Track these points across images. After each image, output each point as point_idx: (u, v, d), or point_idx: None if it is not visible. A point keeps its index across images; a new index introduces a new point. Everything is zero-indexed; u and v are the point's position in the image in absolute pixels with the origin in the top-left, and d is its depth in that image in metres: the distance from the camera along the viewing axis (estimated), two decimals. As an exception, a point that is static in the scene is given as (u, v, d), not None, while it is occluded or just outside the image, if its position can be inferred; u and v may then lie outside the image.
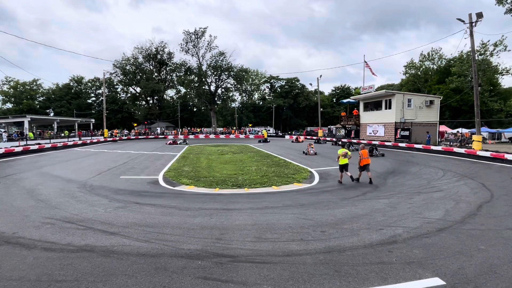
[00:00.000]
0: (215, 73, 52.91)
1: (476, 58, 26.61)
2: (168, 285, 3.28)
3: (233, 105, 63.73)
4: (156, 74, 60.22)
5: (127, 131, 52.52)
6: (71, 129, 46.07)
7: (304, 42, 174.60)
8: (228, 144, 30.03)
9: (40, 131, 39.35)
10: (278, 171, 12.69)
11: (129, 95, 64.95)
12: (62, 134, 37.29)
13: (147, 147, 26.30)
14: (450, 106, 42.58)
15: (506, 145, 28.13)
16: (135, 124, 58.06)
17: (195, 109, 71.00)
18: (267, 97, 71.97)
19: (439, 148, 19.68)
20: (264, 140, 34.40)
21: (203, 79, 52.16)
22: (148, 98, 61.76)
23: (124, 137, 42.45)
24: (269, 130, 53.33)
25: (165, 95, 65.39)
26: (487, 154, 15.80)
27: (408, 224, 5.50)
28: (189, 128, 55.22)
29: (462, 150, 17.72)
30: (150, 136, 44.83)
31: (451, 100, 38.30)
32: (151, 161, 16.47)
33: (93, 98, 70.54)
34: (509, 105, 44.55)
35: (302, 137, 36.71)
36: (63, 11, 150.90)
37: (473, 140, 18.85)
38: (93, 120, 49.00)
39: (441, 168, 13.07)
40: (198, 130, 52.42)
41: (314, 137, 36.19)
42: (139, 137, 43.38)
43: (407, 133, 24.63)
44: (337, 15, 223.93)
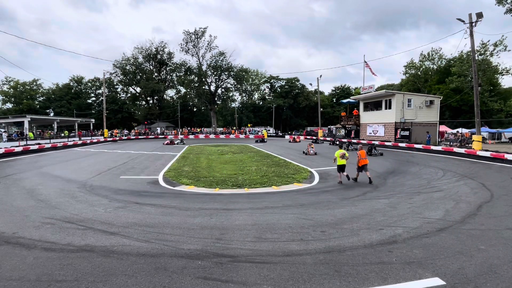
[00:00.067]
0: (215, 73, 52.92)
1: (476, 58, 26.61)
2: (168, 285, 3.28)
3: (233, 105, 63.75)
4: (156, 74, 60.23)
5: (127, 131, 52.54)
6: (71, 129, 46.04)
7: (304, 42, 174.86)
8: (228, 144, 30.03)
9: (40, 131, 39.34)
10: (278, 171, 12.69)
11: (129, 95, 64.96)
12: (62, 134, 37.28)
13: (147, 147, 26.30)
14: (450, 106, 42.59)
15: (506, 145, 28.13)
16: (135, 124, 58.06)
17: (195, 109, 70.99)
18: (267, 97, 71.97)
19: (439, 148, 19.69)
20: (261, 140, 34.42)
21: (203, 79, 52.17)
22: (148, 98, 61.76)
23: (124, 137, 42.46)
24: (269, 130, 53.32)
25: (165, 95, 65.43)
26: (487, 154, 15.81)
27: (408, 224, 5.50)
28: (189, 128, 55.21)
29: (462, 150, 17.72)
30: (150, 136, 44.83)
31: (451, 100, 38.31)
32: (151, 161, 16.48)
33: (93, 98, 70.53)
34: (509, 105, 44.56)
35: (299, 137, 37.20)
36: (63, 11, 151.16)
37: (473, 140, 18.86)
38: (93, 120, 48.99)
39: (441, 168, 13.07)
40: (198, 130, 52.42)
41: (313, 137, 36.54)
42: (139, 137, 43.40)
43: (407, 133, 24.63)
44: (337, 15, 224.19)
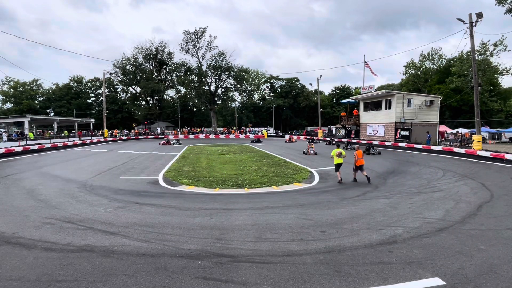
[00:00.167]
0: (215, 73, 52.92)
1: (476, 58, 26.60)
2: (168, 285, 3.28)
3: (233, 105, 63.75)
4: (156, 74, 60.23)
5: (127, 131, 52.53)
6: (71, 129, 46.04)
7: (304, 42, 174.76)
8: (228, 144, 30.04)
9: (40, 131, 39.33)
10: (278, 171, 12.70)
11: (129, 95, 64.94)
12: (62, 134, 37.27)
13: (147, 147, 26.31)
14: (450, 106, 42.58)
15: (506, 145, 28.14)
16: (135, 124, 58.04)
17: (195, 109, 71.01)
18: (267, 97, 71.99)
19: (439, 148, 19.69)
20: (257, 140, 34.63)
21: (203, 79, 52.16)
22: (148, 98, 61.76)
23: (124, 137, 42.47)
24: (269, 130, 53.34)
25: (165, 95, 65.43)
26: (487, 154, 15.80)
27: (408, 224, 5.50)
28: (189, 128, 55.23)
29: (462, 150, 17.72)
30: (150, 136, 44.83)
31: (451, 100, 38.31)
32: (151, 161, 16.48)
33: (93, 98, 70.57)
34: (509, 105, 44.56)
35: (295, 137, 38.23)
36: (63, 11, 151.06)
37: (473, 140, 18.87)
38: (93, 120, 48.99)
39: (441, 168, 13.07)
40: (198, 130, 52.45)
41: (310, 137, 37.30)
42: (139, 137, 43.40)
43: (407, 133, 24.63)
44: (337, 15, 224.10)
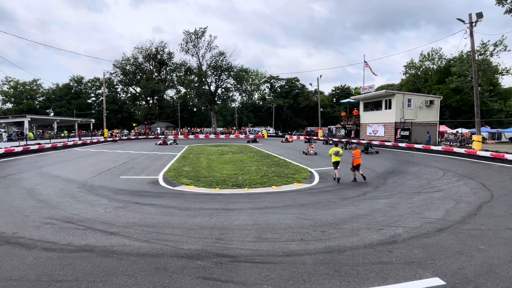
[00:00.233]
0: (215, 73, 52.90)
1: (476, 58, 26.60)
2: (168, 285, 3.28)
3: (233, 105, 63.74)
4: (156, 74, 60.22)
5: (127, 131, 52.51)
6: (71, 129, 46.02)
7: (304, 42, 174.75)
8: (228, 144, 30.04)
9: (40, 132, 39.31)
10: (278, 171, 12.70)
11: (129, 95, 64.94)
12: (62, 134, 37.27)
13: (147, 147, 26.30)
14: (450, 106, 42.58)
15: (506, 145, 28.14)
16: (135, 124, 58.05)
17: (195, 109, 71.01)
18: (267, 97, 72.01)
19: (439, 148, 19.68)
20: (254, 140, 34.66)
21: (203, 79, 52.15)
22: (148, 98, 61.76)
23: (124, 137, 42.45)
24: (269, 130, 53.34)
25: (165, 95, 65.43)
26: (487, 154, 15.80)
27: (408, 224, 5.50)
28: (189, 128, 55.23)
29: (462, 150, 17.72)
30: (150, 136, 44.82)
31: (451, 100, 38.30)
32: (151, 161, 16.48)
33: (93, 98, 70.58)
34: (509, 105, 44.56)
35: (291, 138, 38.99)
36: (63, 11, 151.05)
37: (473, 140, 18.86)
38: (93, 120, 48.98)
39: (441, 168, 13.07)
40: (198, 130, 52.45)
41: (306, 137, 38.29)
42: (139, 137, 43.40)
43: (407, 133, 24.62)
44: (337, 15, 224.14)
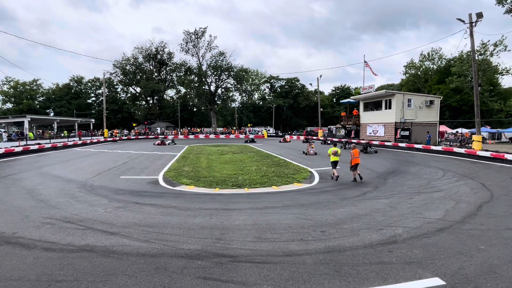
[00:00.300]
0: (215, 73, 52.90)
1: (476, 58, 26.59)
2: (168, 285, 3.28)
3: (233, 105, 63.74)
4: (156, 74, 60.22)
5: (127, 131, 52.51)
6: (71, 129, 46.02)
7: (304, 42, 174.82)
8: (228, 144, 30.04)
9: (39, 132, 39.28)
10: (278, 171, 12.69)
11: (129, 95, 64.96)
12: (62, 134, 37.26)
13: (147, 147, 26.30)
14: (450, 106, 42.58)
15: (506, 145, 28.14)
16: (135, 124, 58.05)
17: (195, 109, 71.00)
18: (267, 97, 71.99)
19: (439, 148, 19.68)
20: (251, 140, 34.69)
21: (203, 79, 52.15)
22: (148, 98, 61.76)
23: (124, 137, 42.44)
24: (269, 130, 53.34)
25: (165, 95, 65.45)
26: (487, 154, 15.80)
27: (408, 224, 5.50)
28: (189, 128, 55.23)
29: (462, 150, 17.72)
30: (150, 136, 44.82)
31: (451, 100, 38.30)
32: (151, 161, 16.47)
33: (93, 98, 70.59)
34: (509, 105, 44.56)
35: (289, 138, 39.43)
36: (63, 11, 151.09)
37: (473, 140, 18.86)
38: (93, 120, 48.97)
39: (441, 168, 13.07)
40: (198, 130, 52.47)
41: (302, 137, 38.88)
42: (139, 137, 43.40)
43: (407, 133, 24.63)
44: (337, 15, 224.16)
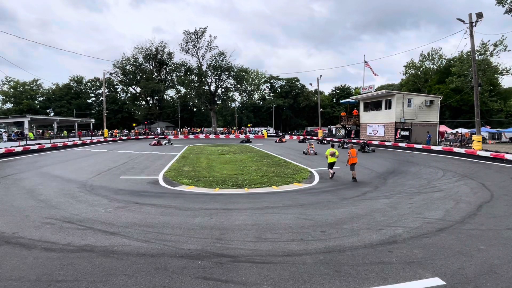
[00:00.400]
0: (215, 73, 52.90)
1: (476, 58, 26.60)
2: (168, 285, 3.28)
3: (233, 105, 63.73)
4: (156, 74, 60.22)
5: (127, 131, 52.50)
6: (71, 129, 45.99)
7: (304, 42, 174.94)
8: (228, 144, 30.04)
9: (39, 132, 39.25)
10: (278, 171, 12.69)
11: (129, 95, 64.97)
12: (62, 134, 37.25)
13: (147, 147, 26.28)
14: (450, 106, 42.57)
15: (506, 145, 28.12)
16: (135, 124, 58.03)
17: (195, 109, 70.97)
18: (267, 97, 71.96)
19: (439, 148, 19.68)
20: (247, 140, 34.75)
21: (203, 79, 52.15)
22: (148, 98, 61.76)
23: (124, 137, 42.43)
24: (269, 130, 53.32)
25: (165, 95, 65.40)
26: (487, 154, 15.80)
27: (408, 224, 5.50)
28: (189, 128, 55.22)
29: (462, 150, 17.72)
30: (150, 136, 44.78)
31: (451, 100, 38.30)
32: (151, 161, 16.47)
33: (93, 98, 70.53)
34: (509, 105, 44.53)
35: (285, 138, 39.90)
36: (63, 11, 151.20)
37: (473, 140, 18.86)
38: (93, 120, 48.94)
39: (441, 168, 13.07)
40: (198, 130, 52.45)
41: (300, 137, 39.10)
42: (139, 137, 43.39)
43: (407, 133, 24.63)
44: (337, 15, 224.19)
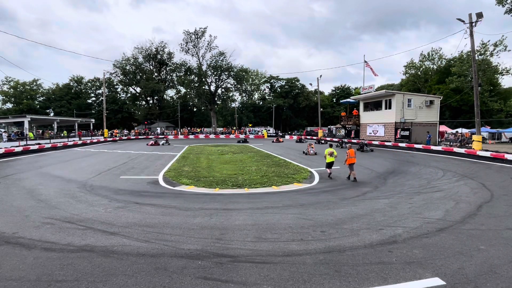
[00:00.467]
0: (215, 73, 52.89)
1: (476, 58, 26.59)
2: (168, 285, 3.28)
3: (233, 105, 63.71)
4: (156, 74, 60.20)
5: (127, 131, 52.49)
6: (71, 129, 45.97)
7: (304, 42, 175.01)
8: (228, 144, 30.04)
9: (39, 132, 39.24)
10: (278, 171, 12.69)
11: (129, 95, 64.93)
12: (62, 134, 37.24)
13: (147, 147, 26.30)
14: (450, 106, 42.57)
15: (506, 145, 28.13)
16: (135, 124, 58.01)
17: (195, 109, 70.95)
18: (267, 97, 71.94)
19: (439, 148, 19.68)
20: (244, 140, 34.86)
21: (203, 79, 52.14)
22: (148, 98, 61.74)
23: (124, 137, 42.43)
24: (269, 130, 53.32)
25: (165, 95, 65.36)
26: (487, 154, 15.80)
27: (408, 224, 5.50)
28: (189, 128, 55.21)
29: (462, 150, 17.72)
30: (150, 136, 44.75)
31: (451, 100, 38.30)
32: (151, 161, 16.47)
33: (93, 98, 70.49)
34: (509, 105, 44.53)
35: (282, 138, 40.06)
36: (63, 11, 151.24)
37: (473, 140, 18.86)
38: (93, 120, 48.91)
39: (441, 168, 13.07)
40: (198, 130, 52.43)
41: (299, 137, 39.11)
42: (139, 137, 43.39)
43: (407, 133, 24.63)
44: (337, 15, 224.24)
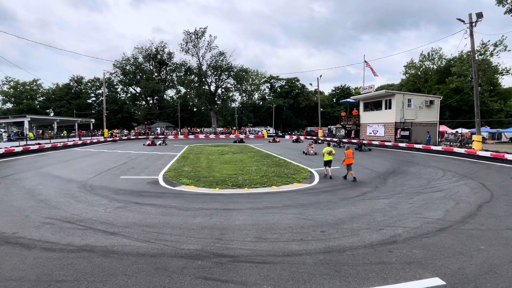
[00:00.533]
0: (215, 73, 52.88)
1: (476, 58, 26.60)
2: (168, 285, 3.29)
3: (233, 105, 63.71)
4: (156, 74, 60.18)
5: (127, 131, 52.48)
6: (71, 129, 45.97)
7: (304, 42, 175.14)
8: (228, 144, 30.04)
9: (39, 132, 39.23)
10: (278, 171, 12.69)
11: (129, 95, 64.92)
12: (62, 134, 37.24)
13: (147, 147, 26.30)
14: (450, 106, 42.57)
15: (506, 145, 28.13)
16: (135, 124, 58.00)
17: (195, 109, 70.94)
18: (267, 97, 71.92)
19: (439, 148, 19.69)
20: (240, 140, 34.80)
21: (203, 79, 52.14)
22: (148, 98, 61.73)
23: (124, 137, 42.44)
24: (269, 130, 53.32)
25: (165, 95, 65.34)
26: (487, 154, 15.81)
27: (408, 224, 5.50)
28: (189, 128, 55.21)
29: (462, 150, 17.73)
30: (150, 136, 44.74)
31: (451, 100, 38.30)
32: (151, 161, 16.47)
33: (93, 98, 70.49)
34: (509, 105, 44.53)
35: (278, 138, 39.96)
36: (63, 11, 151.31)
37: (473, 140, 18.87)
38: (93, 120, 48.90)
39: (441, 168, 13.07)
40: (198, 130, 52.44)
41: (298, 137, 39.31)
42: (139, 137, 43.38)
43: (407, 133, 24.64)
44: (338, 15, 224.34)
